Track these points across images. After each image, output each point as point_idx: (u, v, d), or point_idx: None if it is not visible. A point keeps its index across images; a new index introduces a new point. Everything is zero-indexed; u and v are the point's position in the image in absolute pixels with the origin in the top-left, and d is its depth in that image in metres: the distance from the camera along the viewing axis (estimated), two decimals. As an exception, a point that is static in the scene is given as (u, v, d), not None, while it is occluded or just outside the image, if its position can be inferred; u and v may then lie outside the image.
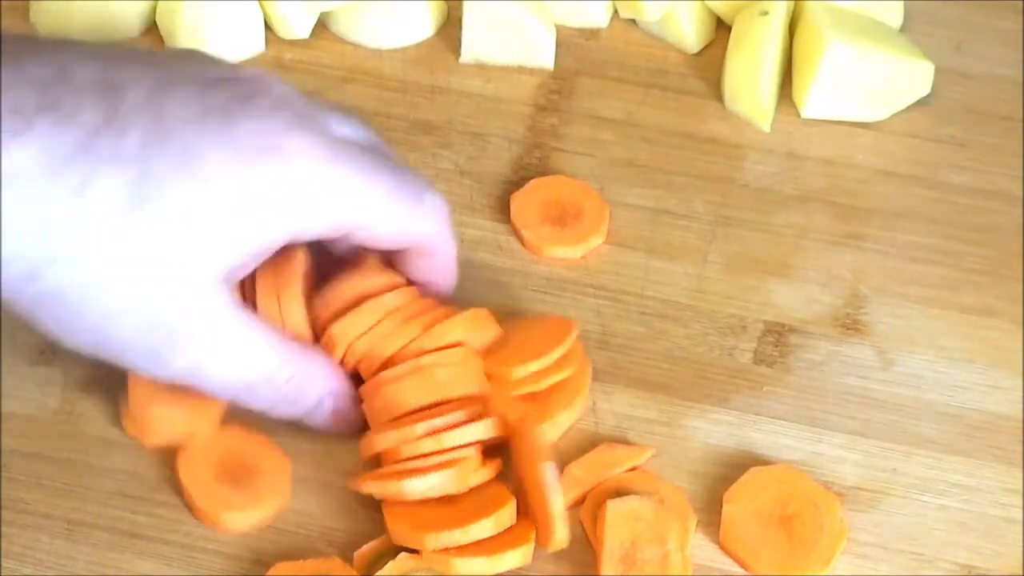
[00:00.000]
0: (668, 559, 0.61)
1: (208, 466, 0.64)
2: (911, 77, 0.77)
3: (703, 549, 0.63)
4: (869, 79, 0.76)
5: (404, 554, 0.61)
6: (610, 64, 0.80)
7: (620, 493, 0.63)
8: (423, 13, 0.79)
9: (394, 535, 0.61)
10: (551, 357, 0.65)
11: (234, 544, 0.63)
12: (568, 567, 0.62)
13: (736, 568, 0.63)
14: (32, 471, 0.64)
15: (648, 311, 0.70)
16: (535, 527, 0.62)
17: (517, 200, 0.73)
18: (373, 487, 0.62)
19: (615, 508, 0.62)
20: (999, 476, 0.65)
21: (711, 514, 0.64)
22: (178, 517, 0.63)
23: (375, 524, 0.62)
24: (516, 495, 0.62)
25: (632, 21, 0.81)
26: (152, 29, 0.79)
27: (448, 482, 0.61)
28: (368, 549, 0.62)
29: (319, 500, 0.64)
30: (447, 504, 0.62)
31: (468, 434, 0.62)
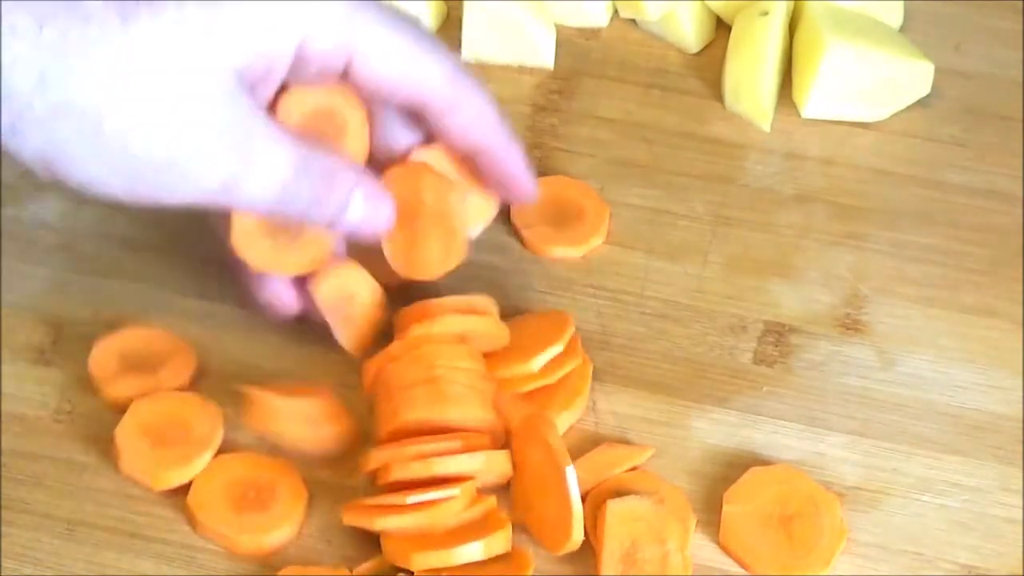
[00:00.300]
0: (668, 559, 0.61)
1: (220, 494, 0.63)
2: (911, 77, 0.77)
3: (703, 549, 0.63)
4: (869, 79, 0.76)
5: (401, 574, 0.60)
6: (610, 64, 0.80)
7: (620, 493, 0.63)
8: (423, 13, 0.79)
9: (386, 552, 0.60)
10: (551, 352, 0.65)
11: (234, 544, 0.63)
12: (568, 567, 0.62)
13: (736, 568, 0.63)
14: (32, 471, 0.64)
15: (648, 311, 0.70)
16: (539, 534, 0.62)
17: (517, 200, 0.73)
18: (353, 518, 0.61)
19: (615, 508, 0.62)
20: (999, 476, 0.65)
21: (711, 514, 0.64)
22: (178, 517, 0.63)
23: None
24: (517, 496, 0.62)
25: (632, 21, 0.81)
26: (152, 29, 0.79)
27: (425, 523, 0.60)
28: (367, 567, 0.61)
29: (326, 511, 0.64)
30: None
31: (458, 464, 0.60)
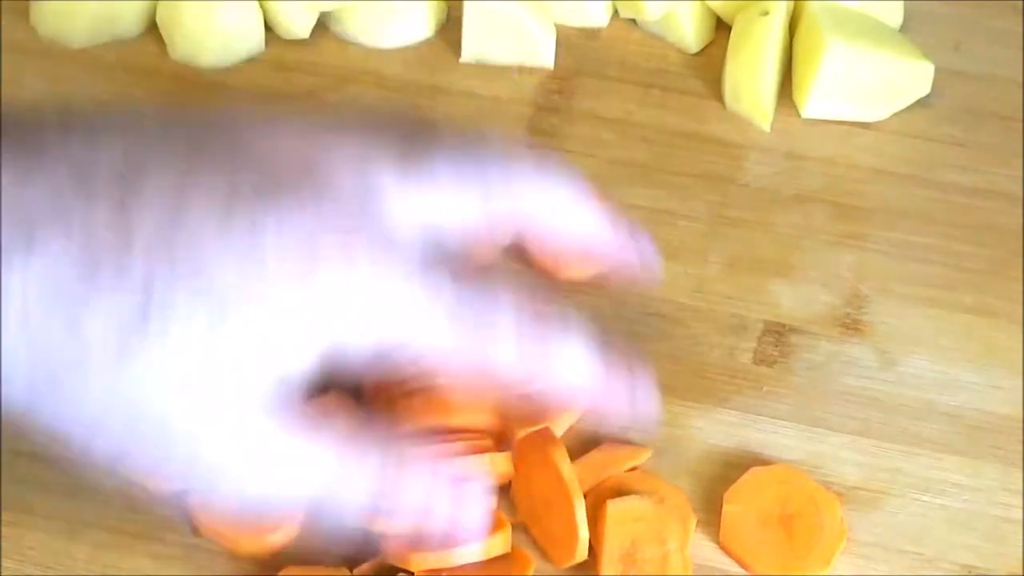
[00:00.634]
0: (668, 559, 0.61)
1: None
2: (911, 77, 0.77)
3: (703, 549, 0.63)
4: (869, 79, 0.76)
5: (401, 574, 0.60)
6: (610, 64, 0.80)
7: (620, 493, 0.63)
8: (423, 13, 0.79)
9: (384, 552, 0.60)
10: None
11: (234, 544, 0.63)
12: (568, 567, 0.62)
13: (736, 568, 0.63)
14: (33, 471, 0.64)
15: (648, 311, 0.70)
16: (542, 543, 0.61)
17: (517, 200, 0.73)
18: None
19: (615, 508, 0.62)
20: (999, 476, 0.65)
21: (711, 514, 0.64)
22: (178, 517, 0.63)
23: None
24: (520, 501, 0.62)
25: (632, 21, 0.81)
26: (152, 29, 0.79)
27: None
28: (367, 567, 0.61)
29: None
30: None
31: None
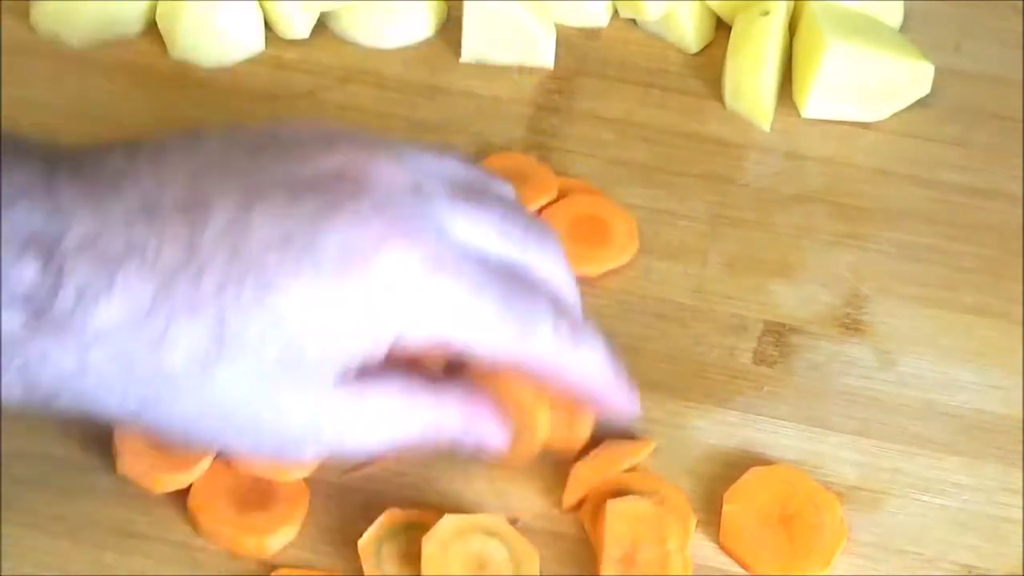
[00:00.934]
0: (668, 559, 0.61)
1: (220, 494, 0.62)
2: (911, 77, 0.77)
3: (703, 549, 0.63)
4: (869, 79, 0.76)
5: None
6: (610, 64, 0.80)
7: (620, 493, 0.63)
8: (423, 13, 0.79)
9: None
10: None
11: (234, 544, 0.63)
12: (568, 567, 0.62)
13: (736, 568, 0.63)
14: (32, 471, 0.64)
15: (648, 311, 0.70)
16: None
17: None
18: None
19: (615, 508, 0.62)
20: (999, 476, 0.65)
21: (711, 514, 0.64)
22: (178, 517, 0.63)
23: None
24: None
25: (632, 21, 0.81)
26: (152, 29, 0.79)
27: None
28: (370, 537, 0.61)
29: (326, 511, 0.64)
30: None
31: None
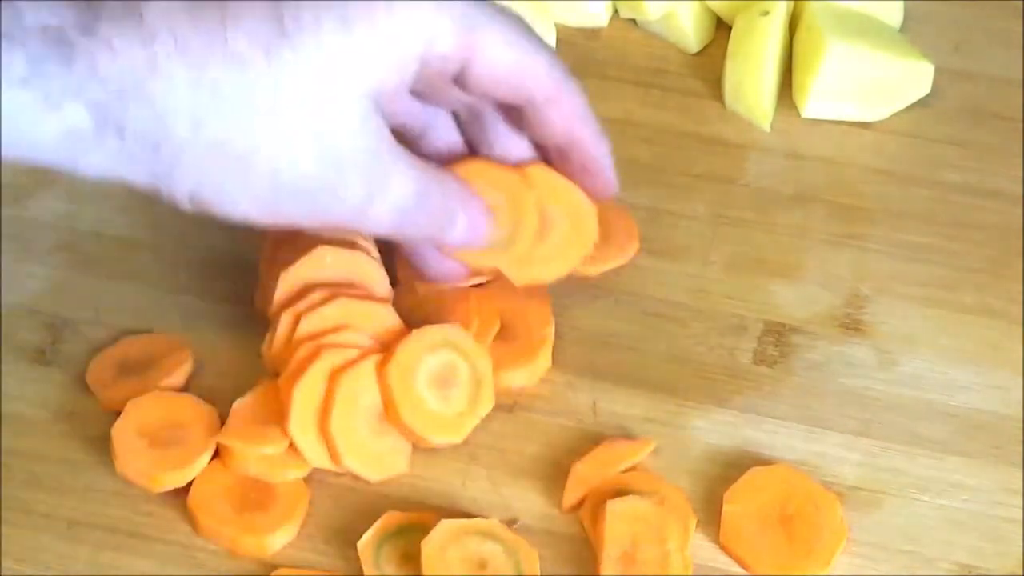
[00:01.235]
0: (668, 559, 0.61)
1: (220, 494, 0.63)
2: (911, 77, 0.77)
3: (703, 549, 0.63)
4: (869, 79, 0.76)
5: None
6: (610, 64, 0.80)
7: (620, 493, 0.63)
8: (423, 13, 0.79)
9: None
10: None
11: (234, 544, 0.63)
12: (568, 567, 0.62)
13: (736, 568, 0.63)
14: (32, 471, 0.64)
15: (648, 311, 0.70)
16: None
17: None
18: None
19: (615, 508, 0.62)
20: (999, 476, 0.65)
21: (711, 514, 0.64)
22: (178, 517, 0.63)
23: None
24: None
25: (632, 21, 0.81)
26: (152, 29, 0.79)
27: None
28: (369, 538, 0.61)
29: (326, 511, 0.64)
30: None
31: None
